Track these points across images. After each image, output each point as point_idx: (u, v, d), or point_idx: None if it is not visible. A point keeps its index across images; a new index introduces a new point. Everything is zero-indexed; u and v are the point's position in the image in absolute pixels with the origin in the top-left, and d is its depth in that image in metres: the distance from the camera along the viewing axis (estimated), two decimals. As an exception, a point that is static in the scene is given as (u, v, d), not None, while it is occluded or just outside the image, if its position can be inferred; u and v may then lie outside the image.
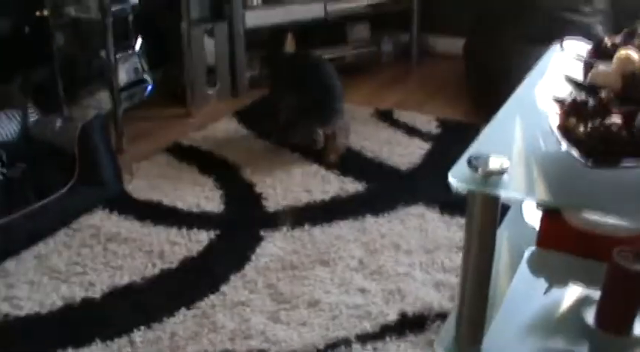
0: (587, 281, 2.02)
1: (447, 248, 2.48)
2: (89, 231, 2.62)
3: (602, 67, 1.79)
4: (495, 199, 1.56)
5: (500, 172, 1.53)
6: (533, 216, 2.22)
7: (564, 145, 1.53)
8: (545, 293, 2.02)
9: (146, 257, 2.48)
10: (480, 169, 1.53)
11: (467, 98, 3.79)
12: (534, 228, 2.15)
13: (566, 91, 1.77)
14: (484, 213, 1.59)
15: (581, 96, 1.63)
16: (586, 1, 3.55)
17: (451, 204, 2.72)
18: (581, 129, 1.53)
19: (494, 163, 1.54)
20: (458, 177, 1.55)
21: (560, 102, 1.66)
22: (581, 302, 1.93)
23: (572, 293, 2.01)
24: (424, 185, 2.91)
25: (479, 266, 1.65)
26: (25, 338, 2.14)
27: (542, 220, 2.16)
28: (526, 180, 1.59)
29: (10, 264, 2.44)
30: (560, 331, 1.85)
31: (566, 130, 1.58)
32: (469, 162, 1.55)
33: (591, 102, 1.59)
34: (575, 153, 1.49)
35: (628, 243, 1.80)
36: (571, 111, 1.59)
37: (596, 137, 1.49)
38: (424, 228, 2.61)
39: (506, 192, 1.52)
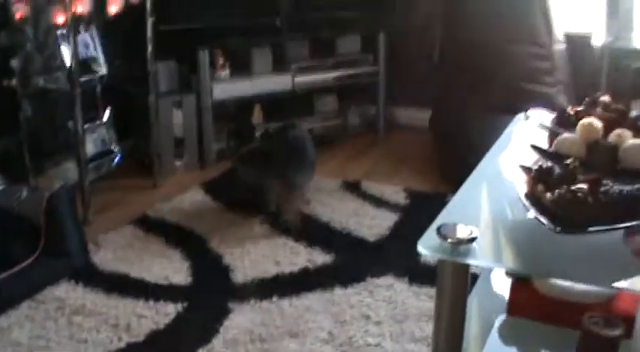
0: (559, 349, 2.01)
1: (416, 317, 2.47)
2: (54, 304, 2.57)
3: (566, 135, 1.82)
4: (465, 267, 1.56)
5: (470, 240, 1.53)
6: (502, 285, 2.22)
7: (532, 212, 1.54)
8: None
9: (112, 330, 2.43)
10: (449, 238, 1.53)
11: (433, 168, 3.82)
12: (504, 297, 2.15)
13: (532, 159, 1.79)
14: (454, 281, 1.58)
15: (547, 163, 1.65)
16: (547, 73, 3.62)
17: (420, 273, 2.72)
18: (548, 196, 1.54)
19: (463, 232, 1.55)
20: (427, 246, 1.55)
21: (527, 170, 1.68)
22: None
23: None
24: (392, 255, 2.90)
25: (450, 335, 1.64)
26: None
27: (512, 288, 2.15)
28: (494, 248, 1.60)
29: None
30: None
31: (533, 197, 1.60)
32: (438, 231, 1.55)
33: (557, 169, 1.61)
34: (542, 219, 1.50)
35: (598, 308, 1.80)
36: (538, 178, 1.61)
37: (563, 203, 1.50)
38: (393, 298, 2.59)
39: (476, 260, 1.52)
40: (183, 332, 2.43)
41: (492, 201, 1.82)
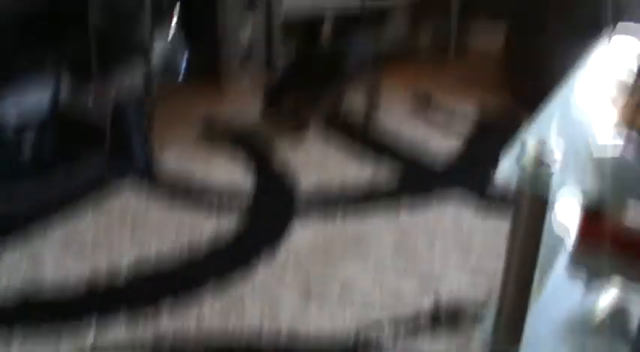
0: (630, 283, 1.94)
1: (481, 247, 2.41)
2: (118, 208, 2.59)
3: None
4: (545, 196, 1.50)
5: (551, 169, 1.46)
6: (566, 219, 2.15)
7: (621, 140, 1.47)
8: (583, 295, 1.95)
9: (175, 235, 2.43)
10: (528, 164, 1.46)
11: (505, 92, 3.70)
12: (567, 232, 2.09)
13: (619, 86, 1.70)
14: (531, 210, 1.52)
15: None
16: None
17: (487, 199, 2.66)
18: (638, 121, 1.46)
19: (544, 158, 1.48)
20: (506, 173, 1.48)
21: (618, 97, 1.59)
22: (622, 307, 1.86)
23: (611, 296, 1.94)
24: (461, 179, 2.84)
25: (522, 266, 1.59)
26: (50, 312, 2.10)
27: (583, 219, 2.09)
28: (579, 173, 1.52)
29: (37, 238, 2.41)
30: (601, 335, 1.78)
31: (623, 125, 1.52)
32: (517, 155, 1.49)
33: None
34: (633, 148, 1.42)
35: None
36: (630, 106, 1.52)
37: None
38: (459, 225, 2.55)
39: (557, 188, 1.46)
40: (247, 240, 2.43)
41: (574, 127, 1.74)
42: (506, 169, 1.48)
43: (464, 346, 1.97)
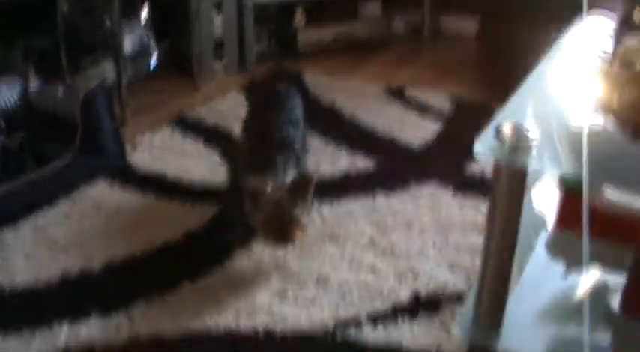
0: (609, 265, 1.92)
1: (461, 227, 2.39)
2: (90, 203, 2.54)
3: (631, 41, 1.69)
4: (523, 172, 1.47)
5: (530, 143, 1.43)
6: (549, 199, 2.13)
7: (599, 117, 1.44)
8: (563, 277, 1.93)
9: (148, 230, 2.39)
10: (507, 139, 1.43)
11: (480, 78, 3.69)
12: (545, 215, 2.06)
13: (594, 67, 1.67)
14: (510, 186, 1.49)
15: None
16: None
17: (465, 183, 2.64)
18: (617, 100, 1.44)
19: (523, 134, 1.45)
20: (484, 148, 1.45)
21: (593, 73, 1.57)
22: (603, 287, 1.84)
23: (591, 277, 1.92)
24: (437, 163, 2.81)
25: (502, 245, 1.56)
26: (21, 311, 2.05)
27: (562, 201, 2.06)
28: (556, 152, 1.49)
29: (7, 235, 2.36)
30: (581, 317, 1.76)
31: (601, 102, 1.50)
32: (496, 131, 1.46)
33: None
34: (611, 125, 1.40)
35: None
36: (606, 83, 1.50)
37: (633, 109, 1.40)
38: (437, 207, 2.51)
39: (536, 164, 1.43)
40: (220, 234, 2.38)
41: (551, 105, 1.71)
42: (484, 146, 1.45)
43: (444, 331, 1.94)
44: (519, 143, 1.43)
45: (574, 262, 1.96)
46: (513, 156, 1.42)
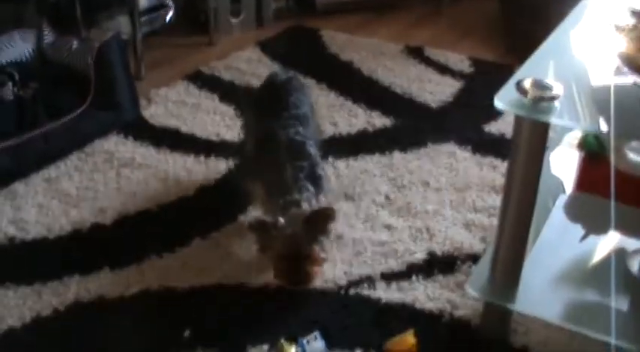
0: (628, 230, 1.89)
1: (478, 187, 2.35)
2: (103, 156, 2.51)
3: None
4: (544, 126, 1.43)
5: (552, 98, 1.39)
6: (562, 167, 2.09)
7: (627, 73, 1.40)
8: (581, 240, 1.90)
9: (161, 184, 2.36)
10: (529, 94, 1.39)
11: (499, 40, 3.61)
12: (563, 180, 2.03)
13: (619, 25, 1.62)
14: (531, 141, 1.45)
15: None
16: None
17: (484, 143, 2.59)
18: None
19: (545, 87, 1.41)
20: (505, 102, 1.41)
21: (621, 29, 1.52)
22: (622, 251, 1.80)
23: (610, 241, 1.88)
24: (456, 123, 2.75)
25: (521, 201, 1.53)
26: (31, 262, 2.05)
27: (582, 162, 2.03)
28: (578, 108, 1.45)
29: (18, 186, 2.34)
30: (599, 279, 1.73)
31: (625, 59, 1.45)
32: (518, 85, 1.41)
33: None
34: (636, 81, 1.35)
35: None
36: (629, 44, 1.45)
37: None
38: (455, 166, 2.47)
39: (558, 119, 1.39)
40: (233, 189, 2.33)
41: (574, 62, 1.67)
42: (505, 100, 1.41)
43: (459, 291, 1.91)
44: (541, 96, 1.39)
45: (593, 225, 1.93)
46: (535, 109, 1.38)
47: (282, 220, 1.82)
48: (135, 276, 1.97)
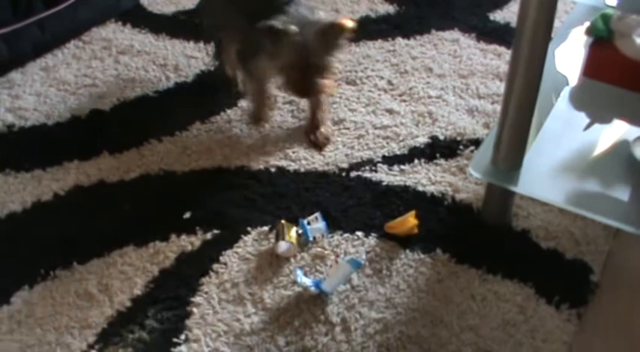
0: (634, 116, 1.86)
1: (482, 74, 2.30)
2: (101, 43, 2.46)
3: None
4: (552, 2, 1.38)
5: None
6: (577, 47, 2.04)
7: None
8: (585, 129, 1.87)
9: (160, 70, 2.33)
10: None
11: None
12: (567, 74, 1.98)
13: None
14: (538, 16, 1.40)
15: None
16: None
17: (488, 31, 2.53)
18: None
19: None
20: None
21: None
22: (626, 140, 1.78)
23: (615, 129, 1.85)
24: (460, 11, 2.67)
25: (527, 78, 1.49)
26: (30, 149, 2.04)
27: (591, 48, 1.98)
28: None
29: (15, 75, 2.31)
30: (605, 165, 1.71)
31: None
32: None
33: None
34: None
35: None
36: None
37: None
38: (458, 53, 2.41)
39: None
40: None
41: None
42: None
43: (461, 175, 1.90)
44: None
45: (597, 114, 1.90)
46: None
47: (294, 27, 1.76)
48: (135, 160, 1.96)
